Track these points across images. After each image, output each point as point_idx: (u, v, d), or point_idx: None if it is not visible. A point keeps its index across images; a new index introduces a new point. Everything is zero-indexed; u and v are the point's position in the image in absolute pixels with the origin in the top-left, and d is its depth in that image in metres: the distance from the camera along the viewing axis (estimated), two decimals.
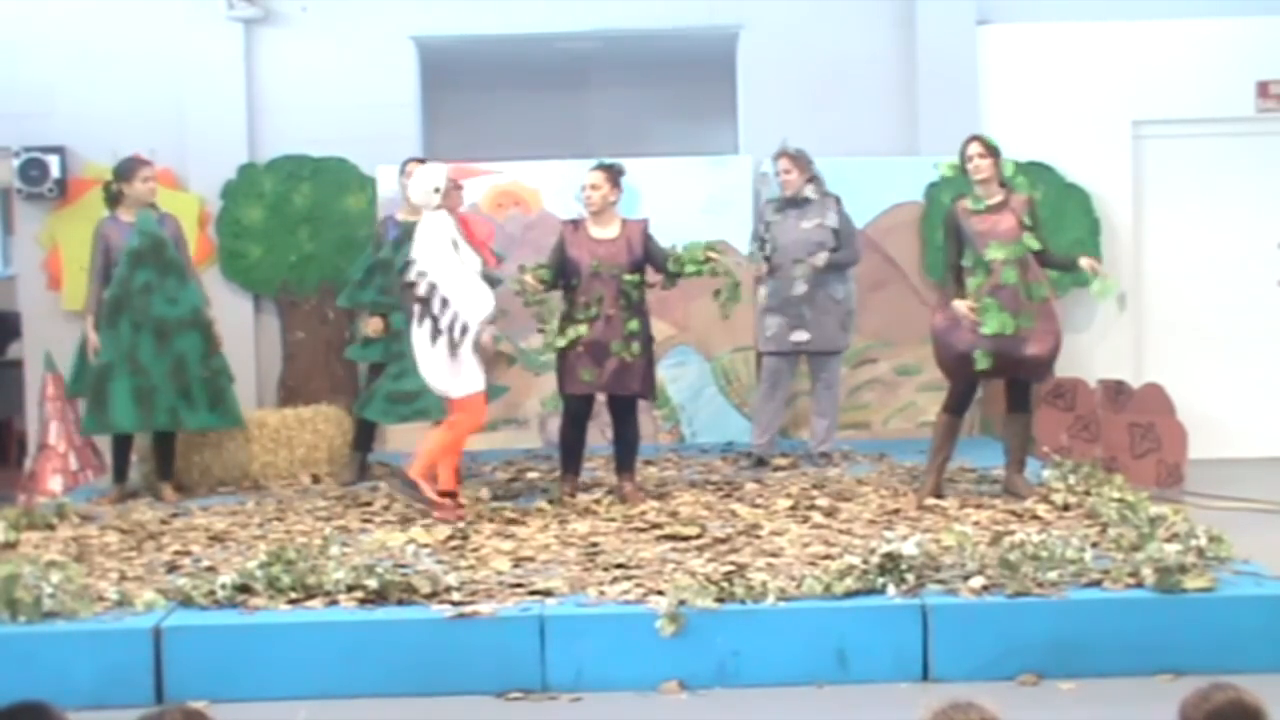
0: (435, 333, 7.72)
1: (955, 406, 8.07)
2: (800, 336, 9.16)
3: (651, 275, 8.17)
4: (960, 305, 7.83)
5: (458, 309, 7.69)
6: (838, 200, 9.25)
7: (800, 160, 9.19)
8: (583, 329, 7.98)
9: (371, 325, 9.03)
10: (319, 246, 10.50)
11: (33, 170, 10.49)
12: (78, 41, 10.70)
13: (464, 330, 7.69)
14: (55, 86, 10.65)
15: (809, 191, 9.18)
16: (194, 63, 10.64)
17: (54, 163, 10.50)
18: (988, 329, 7.74)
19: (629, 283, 8.00)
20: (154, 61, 10.65)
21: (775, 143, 9.41)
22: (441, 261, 7.77)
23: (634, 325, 8.00)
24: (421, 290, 7.74)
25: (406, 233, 8.85)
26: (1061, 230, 10.37)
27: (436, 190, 7.96)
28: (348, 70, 10.72)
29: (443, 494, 7.72)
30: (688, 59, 11.60)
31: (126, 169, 8.80)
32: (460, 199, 8.16)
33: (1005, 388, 8.22)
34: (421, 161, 9.12)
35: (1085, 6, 10.63)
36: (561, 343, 8.03)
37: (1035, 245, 7.84)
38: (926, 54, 10.56)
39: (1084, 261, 7.95)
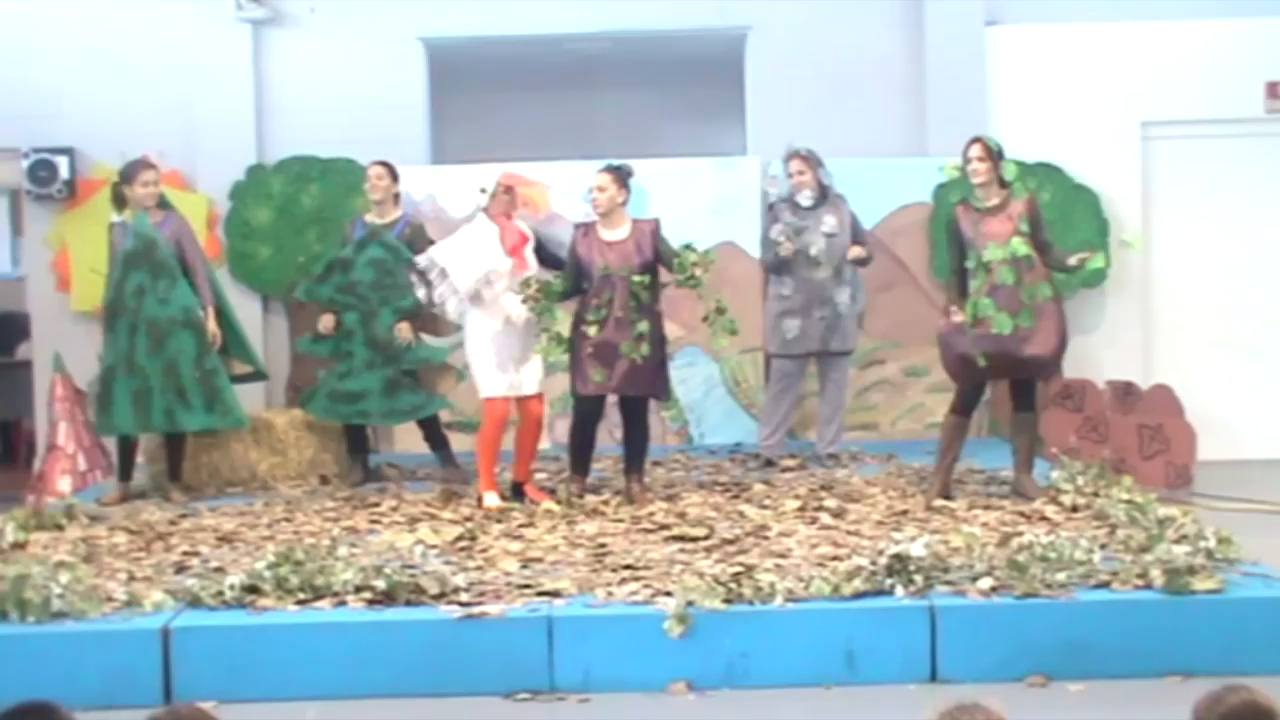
0: (430, 302, 8.15)
1: (962, 408, 8.06)
2: (829, 338, 9.17)
3: (665, 275, 8.14)
4: (955, 313, 7.87)
5: (452, 277, 8.02)
6: (844, 199, 9.27)
7: (812, 160, 9.19)
8: (592, 330, 7.97)
9: (323, 322, 9.09)
10: (327, 247, 10.42)
11: (42, 171, 10.52)
12: (86, 43, 10.72)
13: (454, 293, 8.03)
14: (64, 88, 10.67)
15: (818, 192, 9.18)
16: (202, 64, 10.66)
17: (63, 164, 10.53)
18: (994, 329, 7.73)
19: (637, 284, 7.96)
20: (162, 62, 10.68)
21: (784, 144, 9.38)
22: (453, 249, 8.10)
23: (643, 326, 7.95)
24: (423, 265, 8.08)
25: (370, 234, 8.97)
26: (1070, 231, 10.36)
27: (483, 190, 8.05)
28: (356, 71, 10.74)
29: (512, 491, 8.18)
30: (696, 60, 11.59)
31: (129, 172, 8.77)
32: (511, 205, 8.18)
33: (1010, 388, 8.21)
34: (384, 164, 9.14)
35: (1094, 7, 10.62)
36: (557, 353, 8.04)
37: (1023, 250, 7.77)
38: (935, 55, 10.57)
39: (1073, 260, 7.92)
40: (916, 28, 10.64)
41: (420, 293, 8.18)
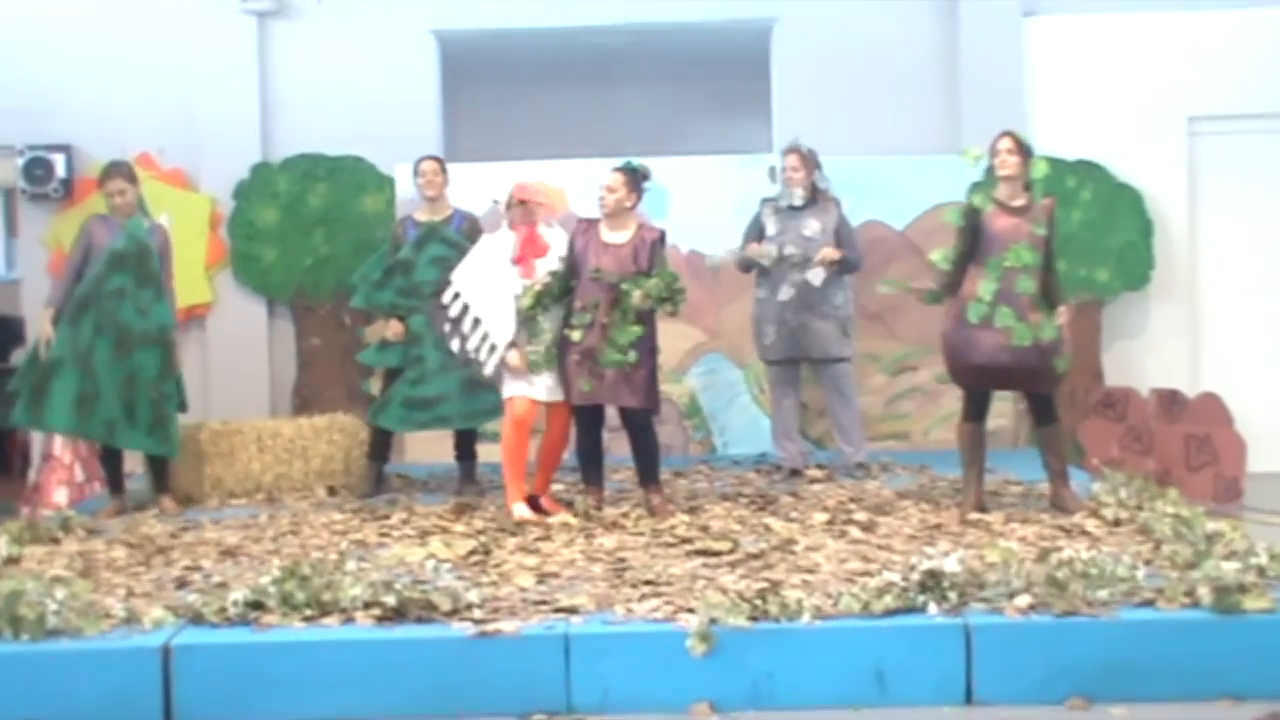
0: (464, 354, 7.99)
1: (974, 414, 7.90)
2: (807, 345, 9.04)
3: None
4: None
5: (487, 330, 7.91)
6: (837, 203, 9.13)
7: (809, 160, 9.08)
8: (577, 335, 7.83)
9: (392, 329, 8.97)
10: (335, 249, 10.52)
11: (37, 170, 10.52)
12: (84, 35, 10.76)
13: (491, 350, 7.91)
14: (61, 82, 10.70)
15: (809, 194, 9.04)
16: (205, 57, 10.69)
17: (59, 162, 10.54)
18: (1014, 340, 7.56)
19: (626, 291, 7.78)
20: (163, 56, 10.72)
21: (791, 136, 9.27)
22: (477, 283, 7.99)
23: (629, 335, 7.78)
24: (454, 311, 7.97)
25: (428, 232, 8.80)
26: (1113, 232, 10.35)
27: (495, 202, 8.13)
28: (365, 65, 10.75)
29: (532, 502, 7.97)
30: (719, 54, 11.60)
31: (101, 175, 8.65)
32: (527, 215, 8.03)
33: (1027, 402, 8.07)
34: (436, 159, 9.03)
35: None
36: (549, 363, 7.90)
37: (1028, 258, 7.56)
38: (970, 47, 10.54)
39: (1061, 311, 7.65)
40: (950, 19, 10.62)
41: (453, 344, 8.02)
